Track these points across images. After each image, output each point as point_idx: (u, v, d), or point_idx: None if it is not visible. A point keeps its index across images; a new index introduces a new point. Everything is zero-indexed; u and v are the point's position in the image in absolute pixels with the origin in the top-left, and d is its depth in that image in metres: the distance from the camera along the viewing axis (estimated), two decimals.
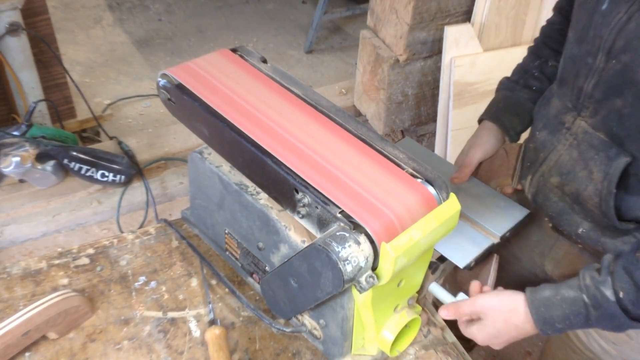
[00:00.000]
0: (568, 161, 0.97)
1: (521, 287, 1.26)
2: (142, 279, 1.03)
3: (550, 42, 1.16)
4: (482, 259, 1.03)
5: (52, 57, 2.22)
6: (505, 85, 1.20)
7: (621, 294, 0.82)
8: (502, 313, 0.91)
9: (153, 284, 1.02)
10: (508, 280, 1.27)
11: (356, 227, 0.72)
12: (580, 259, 1.05)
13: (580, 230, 0.99)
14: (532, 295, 0.90)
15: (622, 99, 0.86)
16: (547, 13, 2.30)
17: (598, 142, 0.92)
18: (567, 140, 0.97)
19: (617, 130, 0.89)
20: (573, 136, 0.96)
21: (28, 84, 2.14)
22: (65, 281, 1.01)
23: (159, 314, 0.97)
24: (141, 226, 2.19)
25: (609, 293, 0.83)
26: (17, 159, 1.94)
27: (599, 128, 0.92)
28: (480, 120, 1.21)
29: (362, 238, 0.71)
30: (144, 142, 2.38)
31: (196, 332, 0.95)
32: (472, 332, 0.93)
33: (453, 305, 0.94)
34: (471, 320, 0.94)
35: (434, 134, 2.51)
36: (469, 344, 1.59)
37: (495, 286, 1.32)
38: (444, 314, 0.94)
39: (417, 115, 2.59)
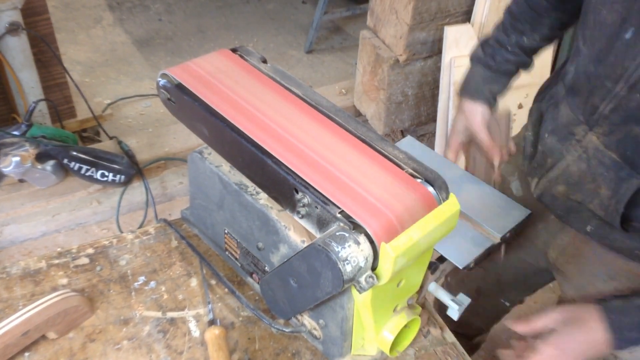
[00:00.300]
0: (575, 172, 0.96)
1: (523, 277, 1.23)
2: (142, 279, 1.03)
3: (529, 18, 1.12)
4: (482, 260, 1.03)
5: (52, 57, 2.22)
6: (482, 60, 1.17)
7: None
8: (575, 321, 0.91)
9: (152, 284, 1.02)
10: (509, 269, 1.27)
11: (356, 227, 0.72)
12: (588, 246, 1.05)
13: (588, 228, 0.99)
14: (604, 304, 0.91)
15: None
16: None
17: (610, 162, 0.91)
18: (577, 152, 0.96)
19: (632, 155, 0.87)
20: (583, 149, 0.95)
21: (28, 84, 2.14)
22: (64, 281, 1.01)
23: (159, 314, 0.97)
24: (141, 226, 2.19)
25: None
26: (17, 158, 1.94)
27: (612, 148, 0.90)
28: (460, 95, 1.20)
29: (362, 238, 0.71)
30: (144, 142, 2.38)
31: (196, 332, 0.95)
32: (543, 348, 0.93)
33: (525, 321, 0.95)
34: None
35: (434, 134, 2.52)
36: (471, 341, 1.59)
37: (499, 275, 1.30)
38: (519, 327, 0.96)
39: (417, 115, 2.59)
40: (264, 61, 0.98)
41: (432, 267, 1.00)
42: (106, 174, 2.10)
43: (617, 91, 0.86)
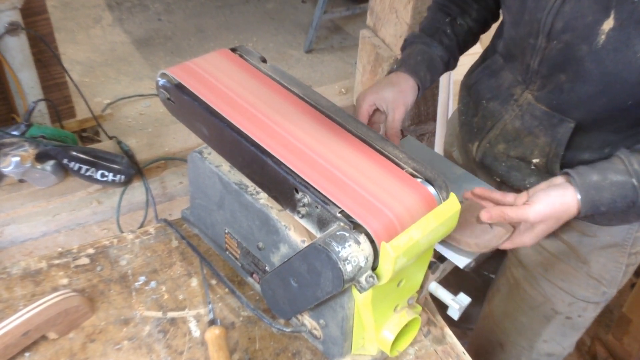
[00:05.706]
0: (512, 130, 1.06)
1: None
2: (142, 278, 1.03)
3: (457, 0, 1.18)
4: (482, 260, 1.03)
5: (52, 57, 2.21)
6: (421, 39, 1.18)
7: None
8: (555, 217, 0.91)
9: (153, 284, 1.02)
10: None
11: (356, 226, 0.72)
12: None
13: (527, 183, 1.07)
14: (581, 179, 0.91)
15: (565, 74, 0.94)
16: None
17: (540, 113, 1.01)
18: (514, 111, 1.06)
19: (558, 103, 0.98)
20: (519, 107, 1.05)
21: (27, 84, 2.14)
22: (65, 281, 1.01)
23: (159, 314, 0.97)
24: (141, 226, 2.19)
25: None
26: (17, 158, 1.93)
27: (542, 101, 1.00)
28: (392, 71, 1.16)
29: (362, 238, 0.71)
30: (143, 142, 2.38)
31: (196, 332, 0.95)
32: (523, 241, 0.94)
33: (497, 210, 0.92)
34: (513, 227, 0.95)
35: (434, 134, 2.51)
36: (469, 328, 1.59)
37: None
38: (486, 217, 0.92)
39: (417, 114, 2.59)
40: (264, 61, 0.98)
41: (433, 266, 1.00)
42: (106, 174, 2.09)
43: (539, 44, 0.95)
